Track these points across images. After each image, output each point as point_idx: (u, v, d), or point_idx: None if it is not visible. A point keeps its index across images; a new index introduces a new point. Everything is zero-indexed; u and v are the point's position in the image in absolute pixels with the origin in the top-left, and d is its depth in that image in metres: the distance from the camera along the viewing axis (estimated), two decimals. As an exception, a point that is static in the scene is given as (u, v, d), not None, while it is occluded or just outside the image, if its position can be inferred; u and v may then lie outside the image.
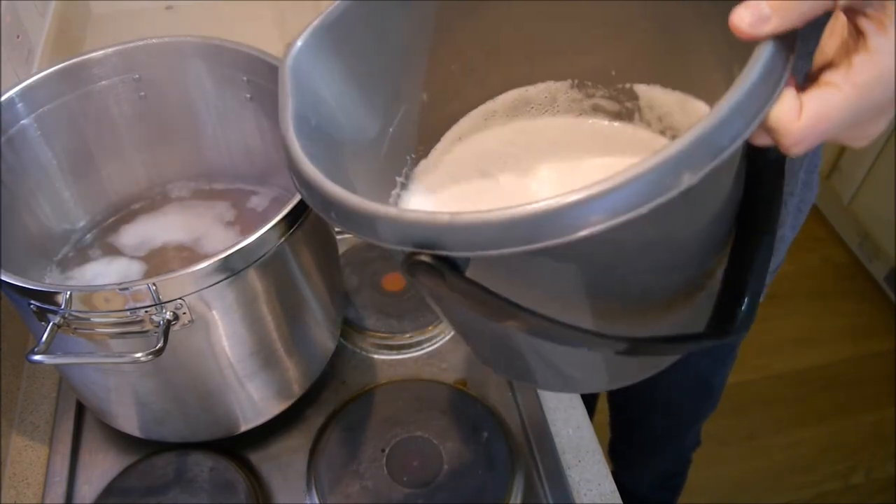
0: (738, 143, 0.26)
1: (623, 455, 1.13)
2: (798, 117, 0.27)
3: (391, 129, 0.43)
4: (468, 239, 0.27)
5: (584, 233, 0.26)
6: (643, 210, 0.25)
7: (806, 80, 0.29)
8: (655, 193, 0.25)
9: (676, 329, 0.36)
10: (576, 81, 0.46)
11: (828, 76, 0.27)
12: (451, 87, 0.46)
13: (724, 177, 0.33)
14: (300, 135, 0.34)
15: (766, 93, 0.27)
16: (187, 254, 0.69)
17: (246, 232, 0.50)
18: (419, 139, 0.46)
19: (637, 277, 0.34)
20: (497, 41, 0.45)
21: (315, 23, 0.39)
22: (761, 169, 0.35)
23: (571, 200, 0.25)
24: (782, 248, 0.74)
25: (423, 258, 0.28)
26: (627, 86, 0.44)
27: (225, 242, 0.68)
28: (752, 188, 0.35)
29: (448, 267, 0.29)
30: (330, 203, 0.31)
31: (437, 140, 0.47)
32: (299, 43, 0.38)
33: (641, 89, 0.44)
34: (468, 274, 0.30)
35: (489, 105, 0.47)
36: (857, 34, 0.27)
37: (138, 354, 0.47)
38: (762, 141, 0.28)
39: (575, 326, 0.31)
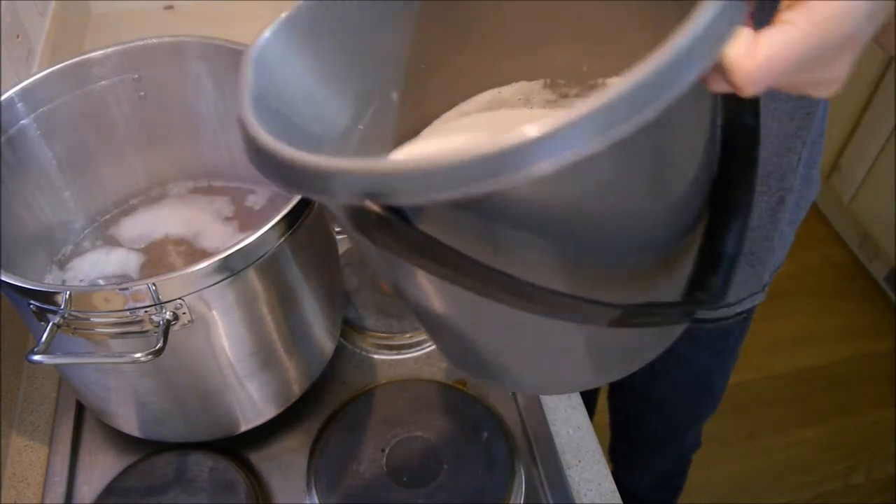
0: (691, 78, 0.25)
1: (623, 455, 1.12)
2: (753, 56, 0.27)
3: (360, 127, 0.43)
4: (414, 183, 0.26)
5: (532, 171, 0.25)
6: (595, 146, 0.24)
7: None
8: (607, 128, 0.24)
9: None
10: (548, 81, 0.46)
11: (784, 15, 0.27)
12: (422, 86, 0.45)
13: (689, 134, 0.32)
14: (257, 110, 0.34)
15: (720, 31, 0.26)
16: (185, 247, 0.69)
17: (244, 228, 0.50)
18: (394, 142, 0.45)
19: (603, 243, 0.33)
20: (468, 40, 0.44)
21: (283, 16, 0.39)
22: (736, 136, 0.35)
23: (521, 138, 0.24)
24: (782, 247, 0.74)
25: (373, 208, 0.27)
26: (600, 81, 0.44)
27: (223, 237, 0.68)
28: (727, 158, 0.35)
29: (398, 218, 0.28)
30: (277, 163, 0.30)
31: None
32: (266, 34, 0.38)
33: (613, 83, 0.43)
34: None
35: (463, 107, 0.47)
36: None
37: (138, 354, 0.47)
38: (720, 87, 0.28)
39: (537, 285, 0.30)
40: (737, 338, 0.85)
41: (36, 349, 0.47)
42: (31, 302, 0.49)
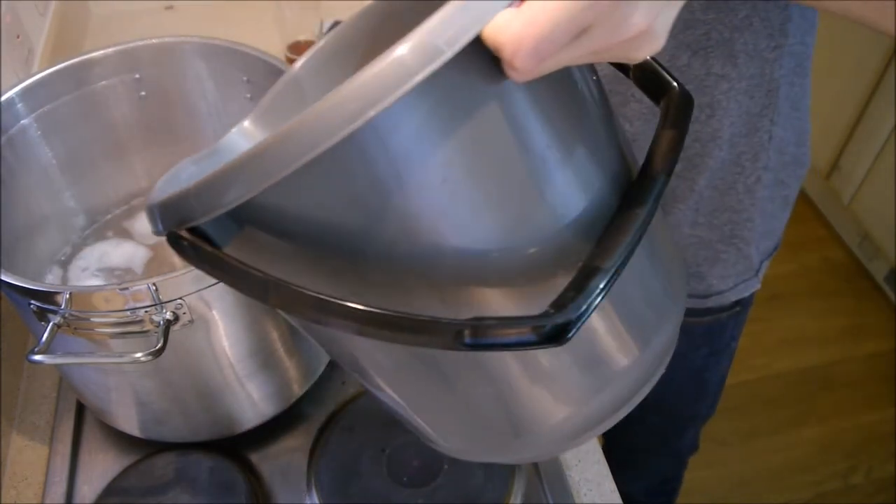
0: (447, 54, 0.25)
1: (618, 458, 1.11)
2: (509, 26, 0.26)
3: None
4: (204, 200, 0.28)
5: (291, 168, 0.25)
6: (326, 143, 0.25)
7: None
8: (349, 121, 0.25)
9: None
10: None
11: None
12: None
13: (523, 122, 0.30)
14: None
15: (480, 11, 0.25)
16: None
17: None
18: None
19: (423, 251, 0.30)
20: None
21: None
22: (653, 149, 0.32)
23: (292, 127, 0.25)
24: (771, 227, 0.72)
25: (181, 234, 0.29)
26: None
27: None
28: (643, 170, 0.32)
29: (204, 241, 0.29)
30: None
31: None
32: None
33: None
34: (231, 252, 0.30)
35: None
36: None
37: (138, 354, 0.47)
38: (510, 73, 0.27)
39: (344, 303, 0.28)
40: (732, 333, 0.84)
41: (36, 349, 0.47)
42: (32, 302, 0.49)
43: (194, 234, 0.29)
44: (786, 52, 0.58)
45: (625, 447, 1.09)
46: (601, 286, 0.28)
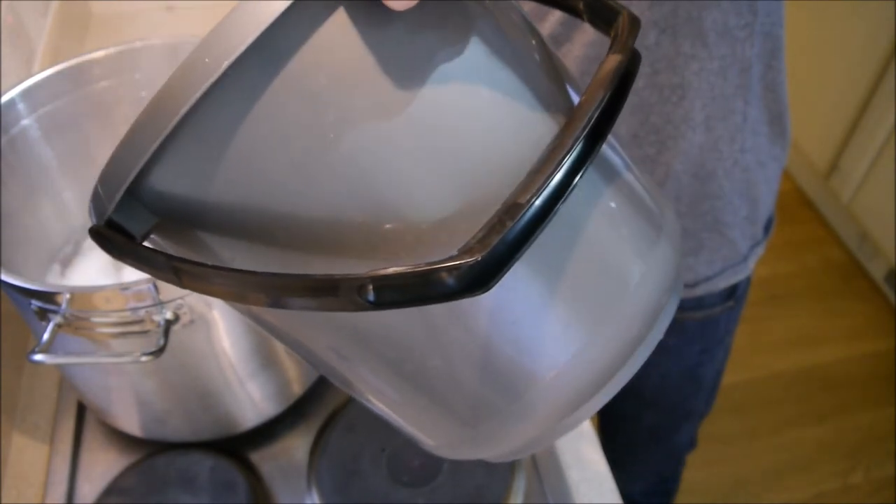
0: None
1: (615, 457, 1.11)
2: None
3: None
4: (106, 189, 0.28)
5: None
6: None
7: None
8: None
9: None
10: None
11: None
12: None
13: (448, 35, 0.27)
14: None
15: None
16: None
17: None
18: None
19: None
20: None
21: None
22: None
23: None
24: (756, 211, 0.71)
25: (98, 228, 0.29)
26: None
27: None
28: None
29: (120, 233, 0.30)
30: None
31: None
32: None
33: None
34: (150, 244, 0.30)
35: None
36: None
37: (139, 354, 0.47)
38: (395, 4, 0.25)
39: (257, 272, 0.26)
40: (726, 329, 0.83)
41: (37, 349, 0.48)
42: (33, 302, 0.49)
43: (112, 227, 0.29)
44: (757, 31, 0.57)
45: (621, 445, 1.09)
46: (522, 222, 0.24)
